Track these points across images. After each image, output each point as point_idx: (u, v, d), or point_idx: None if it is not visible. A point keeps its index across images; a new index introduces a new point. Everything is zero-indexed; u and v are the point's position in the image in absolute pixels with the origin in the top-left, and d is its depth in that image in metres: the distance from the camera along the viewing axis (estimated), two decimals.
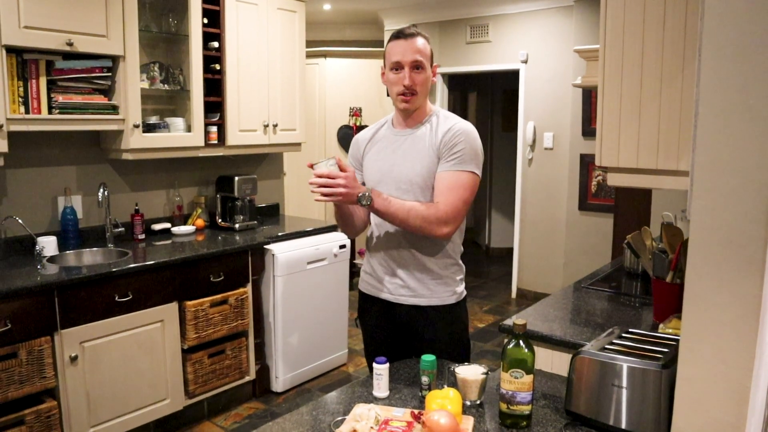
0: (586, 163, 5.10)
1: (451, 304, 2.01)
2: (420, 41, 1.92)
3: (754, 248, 1.06)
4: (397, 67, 1.92)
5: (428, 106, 2.02)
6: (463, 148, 1.90)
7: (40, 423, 2.53)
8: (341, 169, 1.81)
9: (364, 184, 2.06)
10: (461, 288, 2.06)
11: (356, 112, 6.26)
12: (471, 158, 1.91)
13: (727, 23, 1.06)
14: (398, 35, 1.94)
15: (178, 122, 3.44)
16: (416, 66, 1.92)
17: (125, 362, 2.87)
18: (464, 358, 2.03)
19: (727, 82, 1.07)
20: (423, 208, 1.86)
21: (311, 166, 1.83)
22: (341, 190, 1.78)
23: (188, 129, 3.46)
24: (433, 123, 1.99)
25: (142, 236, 3.44)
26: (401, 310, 2.02)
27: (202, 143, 3.49)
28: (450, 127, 1.94)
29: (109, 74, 3.03)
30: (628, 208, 4.15)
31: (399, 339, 2.06)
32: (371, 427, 1.37)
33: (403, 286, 2.00)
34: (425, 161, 1.94)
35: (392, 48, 1.94)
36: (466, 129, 1.94)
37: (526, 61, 5.41)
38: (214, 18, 3.50)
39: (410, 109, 1.97)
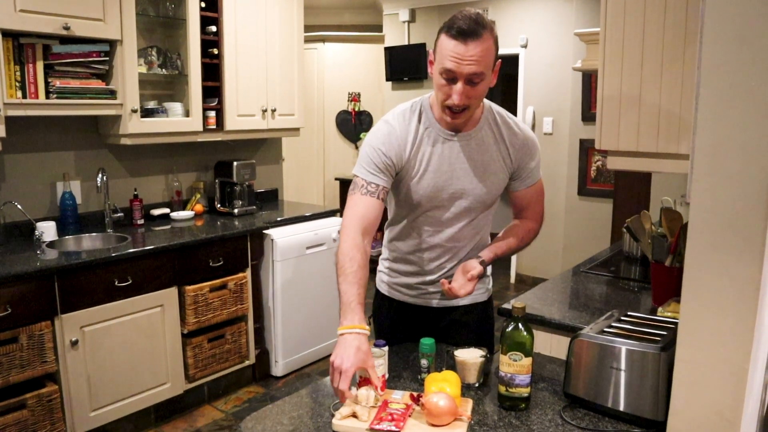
0: (586, 148, 5.09)
1: (484, 302, 1.95)
2: (484, 45, 1.50)
3: (754, 232, 1.06)
4: (449, 77, 1.54)
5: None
6: (538, 162, 1.80)
7: (41, 407, 2.54)
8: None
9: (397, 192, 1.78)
10: (491, 284, 2.00)
11: (355, 97, 6.24)
12: (540, 166, 1.84)
13: (729, 5, 1.05)
14: (458, 34, 1.49)
15: (176, 107, 3.43)
16: (473, 80, 1.54)
17: (125, 347, 2.88)
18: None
19: (729, 64, 1.07)
20: (524, 241, 1.84)
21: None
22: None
23: (186, 114, 3.45)
24: (492, 124, 1.73)
25: (141, 221, 3.44)
26: (431, 312, 1.90)
27: (200, 128, 3.48)
28: (524, 142, 1.75)
29: (107, 59, 3.01)
30: (627, 193, 4.16)
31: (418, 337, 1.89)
32: (372, 406, 1.38)
33: (439, 290, 1.83)
34: (496, 178, 1.74)
35: (446, 49, 1.52)
36: (535, 139, 1.79)
37: (525, 46, 5.38)
38: (211, 2, 3.46)
39: (457, 124, 1.66)
